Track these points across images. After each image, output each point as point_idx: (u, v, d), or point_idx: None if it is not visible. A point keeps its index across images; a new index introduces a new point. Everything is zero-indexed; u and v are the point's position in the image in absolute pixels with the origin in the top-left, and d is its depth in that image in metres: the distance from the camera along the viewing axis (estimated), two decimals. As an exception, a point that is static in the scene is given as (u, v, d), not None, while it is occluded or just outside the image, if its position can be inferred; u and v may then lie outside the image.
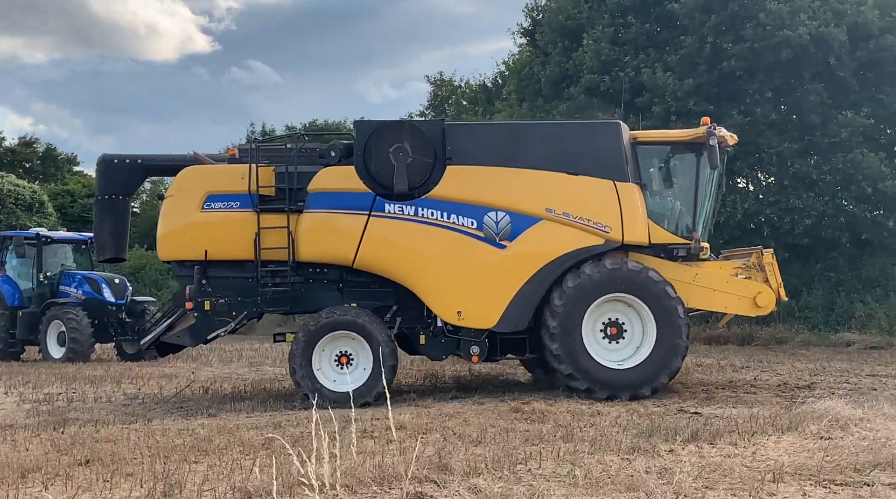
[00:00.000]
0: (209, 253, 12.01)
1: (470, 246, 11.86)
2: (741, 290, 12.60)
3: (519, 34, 28.42)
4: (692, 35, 22.04)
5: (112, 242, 13.22)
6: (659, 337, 11.81)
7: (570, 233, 11.93)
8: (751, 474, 7.26)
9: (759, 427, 9.35)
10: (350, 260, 11.99)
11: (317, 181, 12.02)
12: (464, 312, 11.95)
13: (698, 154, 12.57)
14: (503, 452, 8.12)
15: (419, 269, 11.98)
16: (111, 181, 13.12)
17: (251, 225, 11.96)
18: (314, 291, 12.27)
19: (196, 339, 12.35)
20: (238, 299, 12.13)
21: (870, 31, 21.37)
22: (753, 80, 21.46)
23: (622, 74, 22.46)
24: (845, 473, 7.29)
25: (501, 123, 14.54)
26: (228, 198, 12.03)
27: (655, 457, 8.03)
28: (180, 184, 12.27)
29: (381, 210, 11.89)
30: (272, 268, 12.04)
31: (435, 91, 36.57)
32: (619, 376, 11.82)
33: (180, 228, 12.20)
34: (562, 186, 12.00)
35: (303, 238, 11.98)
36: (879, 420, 9.60)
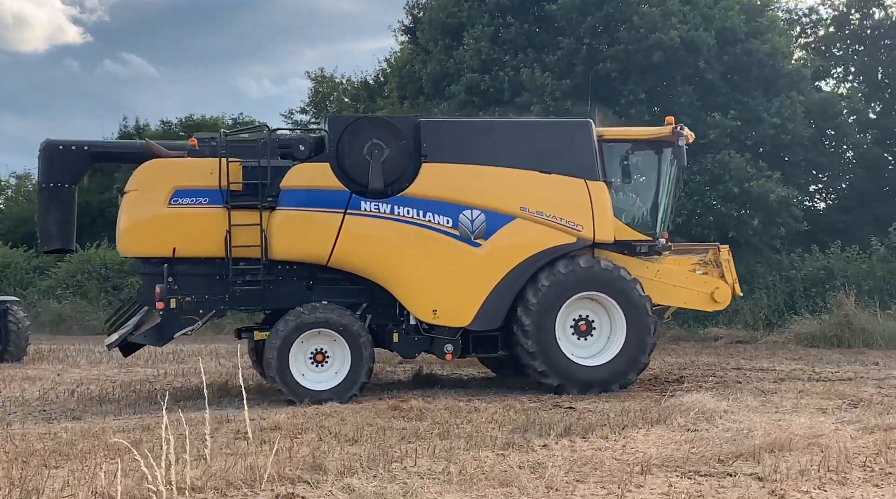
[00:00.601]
0: (177, 250, 11.55)
1: (445, 245, 11.84)
2: (700, 285, 13.02)
3: (400, 32, 28.46)
4: (569, 36, 22.42)
5: (59, 233, 12.53)
6: (629, 334, 12.05)
7: (543, 232, 12.03)
8: (620, 467, 7.40)
9: (629, 421, 9.57)
10: (325, 258, 11.80)
11: (290, 178, 11.74)
12: (439, 311, 11.90)
13: (659, 152, 12.85)
14: (379, 450, 8.07)
15: (395, 267, 11.89)
16: (55, 169, 12.45)
17: (221, 221, 11.56)
18: (284, 290, 11.96)
19: (161, 338, 11.87)
20: (205, 297, 11.75)
21: (736, 36, 22.13)
22: (627, 82, 21.97)
23: (502, 74, 22.68)
24: (710, 464, 7.50)
25: (476, 121, 14.50)
26: (197, 193, 11.60)
27: (529, 452, 8.11)
28: (145, 177, 11.75)
29: (357, 208, 11.73)
30: (243, 266, 11.70)
31: (316, 88, 36.20)
32: (590, 372, 11.99)
33: (145, 224, 11.68)
34: (535, 184, 12.07)
35: (276, 236, 11.68)
36: (743, 412, 9.94)
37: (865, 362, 14.92)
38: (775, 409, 10.35)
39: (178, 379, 14.14)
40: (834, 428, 8.84)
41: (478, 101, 22.92)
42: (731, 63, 22.32)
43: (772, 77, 22.72)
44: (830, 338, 17.39)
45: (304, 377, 11.52)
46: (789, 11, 27.80)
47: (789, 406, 10.53)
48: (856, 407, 10.42)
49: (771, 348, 18.26)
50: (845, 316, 17.37)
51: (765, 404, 10.73)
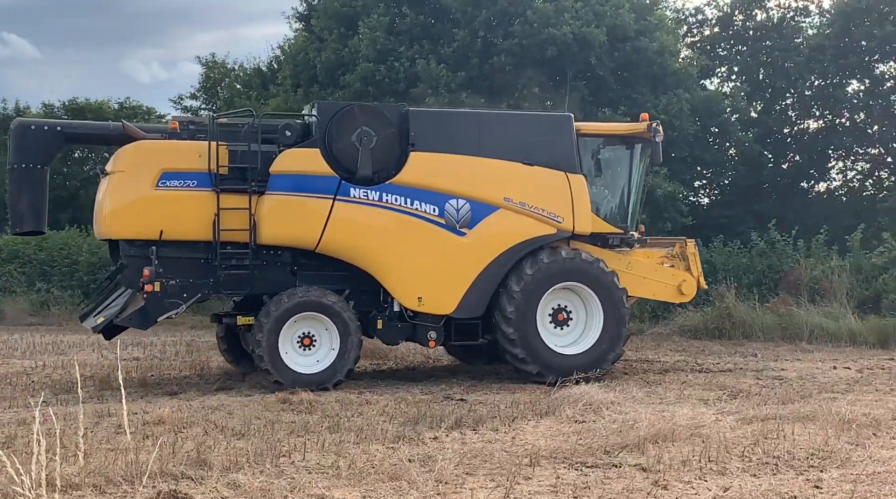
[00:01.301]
0: (164, 233, 11.42)
1: (431, 233, 11.99)
2: (668, 278, 13.45)
3: (294, 19, 28.03)
4: (464, 29, 22.49)
5: (31, 215, 12.21)
6: (605, 325, 12.37)
7: (525, 222, 12.25)
8: (509, 459, 7.46)
9: (519, 412, 9.66)
10: (314, 244, 11.81)
11: (280, 163, 11.71)
12: (424, 298, 12.03)
13: (631, 147, 13.21)
14: (267, 444, 7.95)
15: (382, 254, 11.97)
16: (27, 149, 12.12)
17: (209, 205, 11.50)
18: (269, 274, 11.91)
19: (145, 322, 11.62)
20: (190, 281, 11.64)
21: (626, 34, 22.56)
22: (521, 76, 22.17)
23: (397, 64, 22.60)
24: (596, 455, 7.64)
25: (464, 111, 14.54)
26: (185, 176, 11.52)
27: (420, 445, 8.11)
28: (132, 159, 11.61)
29: (347, 194, 11.78)
30: (230, 250, 11.63)
31: (207, 73, 35.42)
32: (568, 360, 12.21)
33: (131, 206, 11.53)
34: (519, 176, 12.30)
35: (265, 220, 11.65)
36: (629, 403, 10.16)
37: (745, 354, 15.42)
38: (660, 400, 10.61)
39: (58, 371, 13.64)
40: (714, 419, 9.10)
41: (373, 92, 22.78)
42: (621, 60, 22.74)
43: (660, 75, 23.26)
44: (712, 330, 17.91)
45: (291, 360, 11.56)
46: (677, 11, 28.52)
47: (673, 397, 10.81)
48: (735, 398, 10.75)
49: (656, 340, 18.69)
50: (726, 309, 17.91)
51: (650, 395, 10.99)
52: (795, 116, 27.10)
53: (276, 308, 11.48)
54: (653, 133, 12.91)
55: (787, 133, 27.36)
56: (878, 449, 7.82)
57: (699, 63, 26.12)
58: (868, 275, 18.66)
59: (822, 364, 13.93)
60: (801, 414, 9.29)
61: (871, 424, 8.85)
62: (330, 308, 11.65)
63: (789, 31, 27.17)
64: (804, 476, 7.00)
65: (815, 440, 8.06)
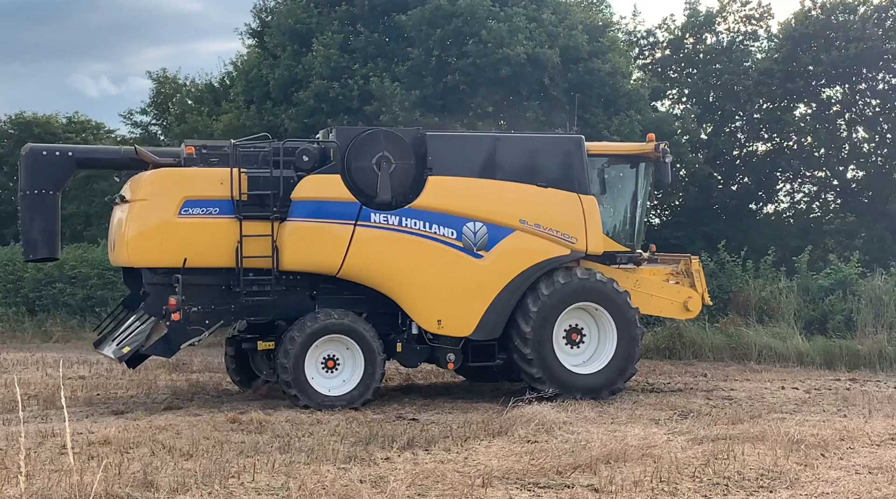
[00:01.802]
0: (188, 261, 11.43)
1: (450, 256, 12.15)
2: (674, 295, 13.67)
3: (247, 35, 27.81)
4: (419, 47, 22.50)
5: (45, 241, 12.30)
6: (619, 345, 12.55)
7: (541, 244, 12.42)
8: (462, 480, 7.42)
9: (472, 432, 9.63)
10: (336, 269, 11.92)
11: (301, 189, 11.81)
12: (443, 321, 12.16)
13: (636, 166, 13.57)
14: (215, 465, 7.83)
15: (402, 278, 12.09)
16: (39, 175, 12.18)
17: (232, 232, 11.57)
18: (290, 300, 11.99)
19: (169, 350, 11.72)
20: (211, 308, 11.67)
21: (580, 55, 22.73)
22: (476, 95, 22.23)
23: (351, 82, 22.55)
24: (549, 475, 7.62)
25: (479, 135, 14.45)
26: (208, 203, 11.58)
27: (371, 465, 8.04)
28: (155, 187, 11.69)
29: (367, 220, 11.91)
30: (252, 276, 11.68)
31: (158, 88, 35.00)
32: (582, 380, 12.42)
33: (155, 233, 11.57)
34: (533, 198, 12.48)
35: (287, 247, 11.73)
36: (581, 423, 10.18)
37: (695, 374, 15.54)
38: (611, 420, 10.64)
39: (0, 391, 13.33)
40: (666, 439, 9.15)
41: (326, 109, 22.68)
42: (574, 80, 22.90)
43: (612, 96, 23.44)
44: (663, 350, 18.02)
45: (317, 383, 11.68)
46: (629, 33, 28.78)
47: (624, 417, 10.85)
48: (686, 418, 10.82)
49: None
50: (676, 329, 18.05)
51: (601, 415, 11.02)
52: (745, 139, 27.49)
53: (300, 332, 11.57)
54: (662, 153, 13.28)
55: (737, 155, 27.73)
56: (826, 470, 7.90)
57: (651, 85, 26.39)
58: (815, 296, 18.92)
59: (770, 384, 14.08)
60: (750, 434, 9.37)
61: (819, 444, 8.95)
62: (354, 330, 11.79)
63: (738, 55, 27.59)
64: (754, 497, 7.05)
65: (765, 461, 8.12)
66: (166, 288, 11.52)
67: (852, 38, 24.92)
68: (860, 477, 7.63)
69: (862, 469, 7.94)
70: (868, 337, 16.90)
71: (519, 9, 22.33)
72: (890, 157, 25.89)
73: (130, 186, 12.05)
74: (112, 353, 12.05)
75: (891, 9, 25.61)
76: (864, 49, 24.65)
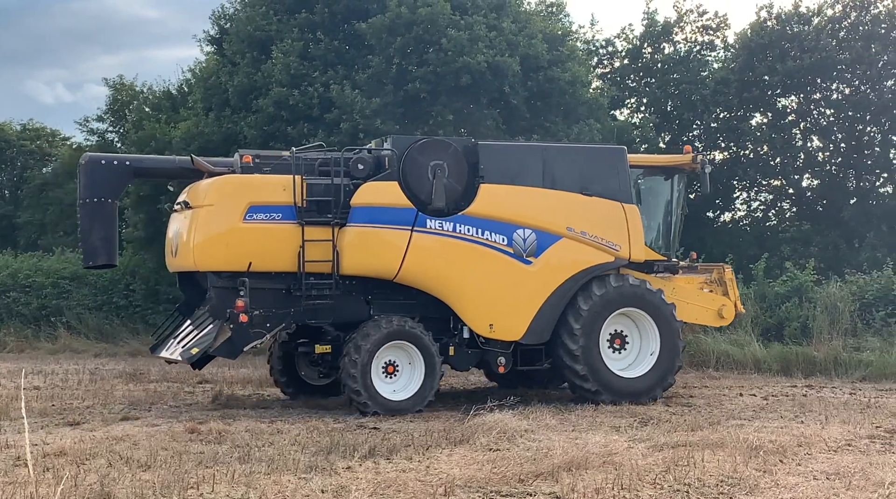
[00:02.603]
0: (252, 264, 11.79)
1: (501, 261, 12.49)
2: (709, 302, 14.17)
3: (206, 42, 27.60)
4: (379, 55, 22.48)
5: (104, 249, 12.64)
6: (661, 352, 12.96)
7: (586, 251, 12.84)
8: (423, 489, 7.39)
9: (434, 441, 9.59)
10: (394, 273, 12.22)
11: (360, 195, 12.14)
12: (495, 325, 12.52)
13: (670, 177, 14.15)
14: (174, 476, 7.72)
15: (456, 283, 12.42)
16: (97, 184, 12.57)
17: (294, 237, 11.89)
18: (346, 304, 12.29)
19: (233, 351, 12.00)
20: (273, 311, 11.97)
21: (539, 64, 22.86)
22: (436, 103, 22.25)
23: (311, 89, 22.46)
24: (510, 483, 7.61)
25: (529, 145, 15.00)
26: (271, 209, 11.91)
27: (333, 475, 7.98)
28: (220, 193, 12.00)
29: (423, 225, 12.23)
30: (313, 280, 11.96)
31: (114, 95, 34.60)
32: (625, 383, 12.82)
33: (220, 239, 11.87)
34: (579, 206, 12.90)
35: (347, 251, 12.07)
36: (542, 431, 10.19)
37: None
38: (573, 427, 10.67)
39: (-47, 402, 13.07)
40: (627, 446, 9.18)
41: (286, 116, 22.57)
42: (534, 89, 23.02)
43: (572, 104, 23.60)
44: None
45: (380, 388, 11.90)
46: (588, 42, 29.04)
47: (585, 425, 10.88)
48: (646, 425, 10.88)
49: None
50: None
51: (563, 422, 11.04)
52: (702, 147, 27.80)
53: (365, 341, 11.79)
54: (701, 164, 13.92)
55: (695, 164, 28.05)
56: (784, 476, 7.97)
57: (610, 94, 26.62)
58: (771, 303, 19.15)
59: (728, 391, 14.21)
60: (710, 441, 9.44)
61: (778, 450, 9.03)
62: (415, 336, 12.07)
63: (696, 65, 27.94)
64: (714, 503, 7.09)
65: (724, 467, 8.18)
66: (230, 292, 11.78)
67: (807, 48, 25.32)
68: (818, 483, 7.70)
69: (819, 475, 8.02)
70: (824, 344, 17.13)
71: (479, 17, 22.40)
72: (844, 166, 26.33)
73: (193, 194, 12.35)
74: (179, 355, 12.21)
75: (844, 20, 26.04)
76: (818, 59, 25.07)
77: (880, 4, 25.76)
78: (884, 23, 25.57)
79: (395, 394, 11.96)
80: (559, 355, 12.77)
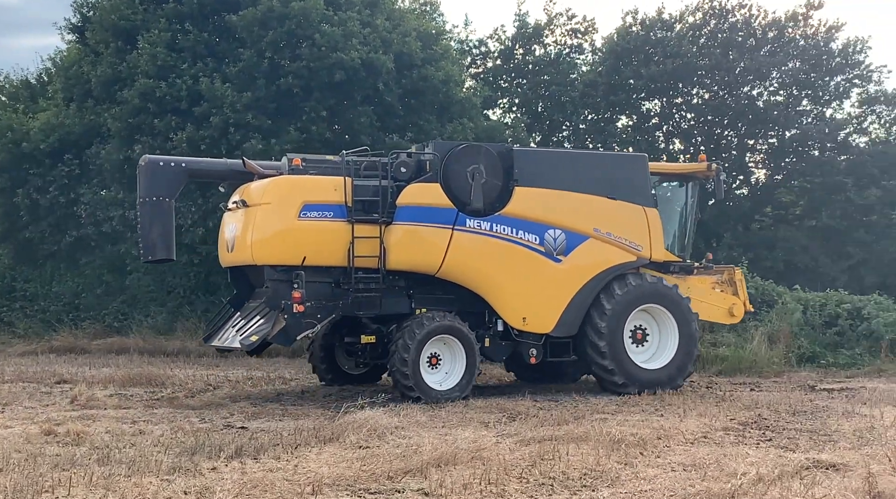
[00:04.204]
0: (307, 259, 12.52)
1: (533, 259, 13.39)
2: (720, 301, 15.19)
3: (67, 30, 26.56)
4: (251, 49, 22.12)
5: (163, 244, 13.37)
6: (680, 344, 13.91)
7: (611, 251, 13.82)
8: (291, 488, 7.31)
9: (303, 439, 9.49)
10: (436, 269, 13.05)
11: (406, 196, 12.96)
12: (528, 318, 13.43)
13: (685, 183, 15.22)
14: (27, 480, 7.41)
15: (492, 279, 13.30)
16: (156, 183, 13.38)
17: (344, 234, 12.67)
18: (390, 297, 13.03)
19: (287, 340, 12.71)
20: (323, 303, 12.70)
21: (413, 62, 22.94)
22: (309, 99, 22.04)
23: (179, 81, 21.91)
24: (380, 481, 7.61)
25: (560, 151, 16.88)
26: (323, 208, 12.69)
27: (197, 476, 7.79)
28: (277, 193, 12.79)
29: (463, 225, 13.07)
30: (361, 275, 12.71)
31: (-31, 83, 32.98)
32: (648, 374, 13.73)
33: (278, 235, 12.65)
34: (605, 209, 13.87)
35: (393, 248, 12.85)
36: (412, 428, 10.22)
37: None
38: (442, 423, 10.74)
39: None
40: (495, 441, 9.30)
41: (153, 108, 21.98)
42: (408, 87, 23.08)
43: (445, 103, 23.77)
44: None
45: (427, 379, 12.71)
46: (461, 42, 29.31)
47: (455, 421, 10.97)
48: (514, 420, 11.05)
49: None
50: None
51: (433, 419, 11.10)
52: (571, 148, 28.42)
53: (413, 336, 12.60)
54: (716, 172, 15.03)
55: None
56: (644, 467, 8.22)
57: (482, 93, 26.91)
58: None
59: (594, 386, 14.54)
60: (575, 435, 9.65)
61: (639, 443, 9.31)
62: (457, 329, 12.91)
63: (565, 67, 28.54)
64: (577, 496, 7.26)
65: (588, 460, 8.38)
66: (285, 284, 12.53)
67: (669, 54, 26.21)
68: (675, 474, 7.97)
69: (677, 467, 8.30)
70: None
71: (353, 13, 22.33)
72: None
73: (249, 193, 13.08)
74: (239, 343, 12.81)
75: (704, 27, 27.05)
76: (680, 65, 25.99)
77: (738, 13, 26.89)
78: (741, 31, 26.70)
79: (442, 383, 12.81)
80: (588, 353, 13.67)
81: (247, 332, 12.94)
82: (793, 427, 10.78)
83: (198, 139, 21.31)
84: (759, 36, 26.75)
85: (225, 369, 17.20)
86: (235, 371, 16.77)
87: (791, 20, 26.88)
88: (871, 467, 7.61)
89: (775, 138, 27.59)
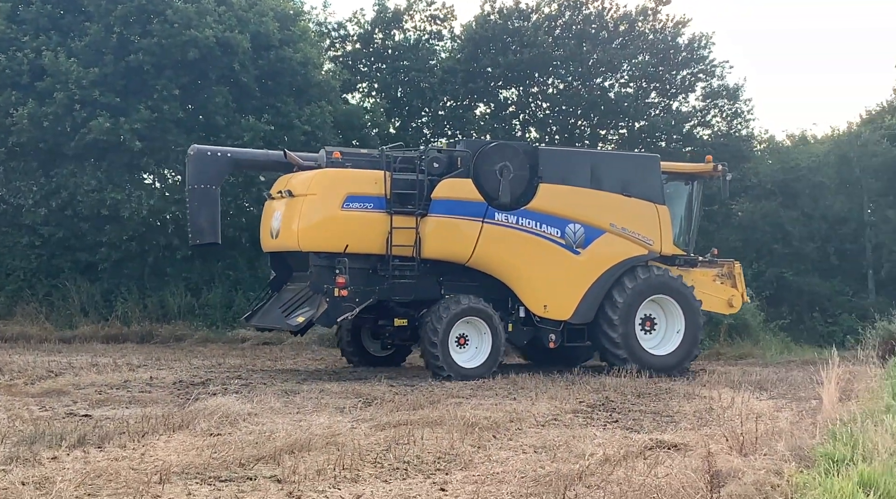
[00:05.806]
0: (349, 247, 13.54)
1: (555, 251, 14.62)
2: (721, 293, 16.35)
3: None
4: (98, 23, 21.23)
5: (210, 229, 14.35)
6: (686, 331, 15.19)
7: (625, 244, 15.06)
8: (137, 477, 7.08)
9: (150, 427, 9.21)
10: (466, 259, 14.24)
11: (440, 190, 14.09)
12: (549, 306, 14.65)
13: (690, 182, 16.36)
14: None
15: (517, 268, 14.49)
16: (204, 171, 14.40)
17: (383, 224, 13.76)
18: (423, 284, 14.12)
19: (329, 321, 13.83)
20: (361, 288, 13.69)
21: (270, 42, 22.53)
22: (161, 77, 21.35)
23: (20, 55, 20.84)
24: (231, 468, 7.47)
25: (580, 150, 18.83)
26: (365, 199, 13.74)
27: (36, 466, 7.46)
28: (322, 184, 13.81)
29: (492, 218, 14.27)
30: (398, 262, 13.81)
31: None
32: (658, 360, 14.96)
33: (322, 224, 13.67)
34: (620, 205, 15.11)
35: (428, 238, 13.98)
36: (266, 414, 10.07)
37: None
38: (297, 409, 10.63)
39: None
40: (350, 427, 9.28)
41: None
42: (265, 68, 22.66)
43: (303, 85, 23.45)
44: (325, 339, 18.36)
45: (455, 357, 13.82)
46: (320, 24, 28.94)
47: (311, 407, 10.88)
48: (370, 405, 11.05)
49: (295, 349, 18.80)
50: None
51: (288, 405, 10.97)
52: (430, 134, 28.54)
53: (447, 313, 13.73)
54: (722, 172, 16.07)
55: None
56: (497, 450, 8.37)
57: (341, 77, 26.68)
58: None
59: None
60: (430, 419, 9.73)
61: (492, 426, 9.47)
62: (485, 312, 14.05)
63: (425, 54, 28.59)
64: (431, 479, 7.32)
65: (442, 444, 8.46)
66: (328, 270, 13.55)
67: (526, 43, 26.63)
68: (527, 456, 8.14)
69: (528, 449, 8.49)
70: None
71: (207, -10, 21.70)
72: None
73: (295, 184, 14.00)
74: (287, 322, 13.83)
75: (559, 18, 27.61)
76: (535, 55, 26.44)
77: (591, 6, 27.56)
78: (594, 23, 27.38)
79: (469, 361, 13.89)
80: (602, 343, 14.89)
81: (292, 314, 13.85)
82: (638, 409, 11.20)
83: (40, 116, 20.35)
84: (612, 29, 27.52)
85: (68, 355, 16.51)
86: (79, 357, 16.11)
87: (641, 14, 27.75)
88: (710, 447, 7.96)
89: (625, 129, 28.47)
